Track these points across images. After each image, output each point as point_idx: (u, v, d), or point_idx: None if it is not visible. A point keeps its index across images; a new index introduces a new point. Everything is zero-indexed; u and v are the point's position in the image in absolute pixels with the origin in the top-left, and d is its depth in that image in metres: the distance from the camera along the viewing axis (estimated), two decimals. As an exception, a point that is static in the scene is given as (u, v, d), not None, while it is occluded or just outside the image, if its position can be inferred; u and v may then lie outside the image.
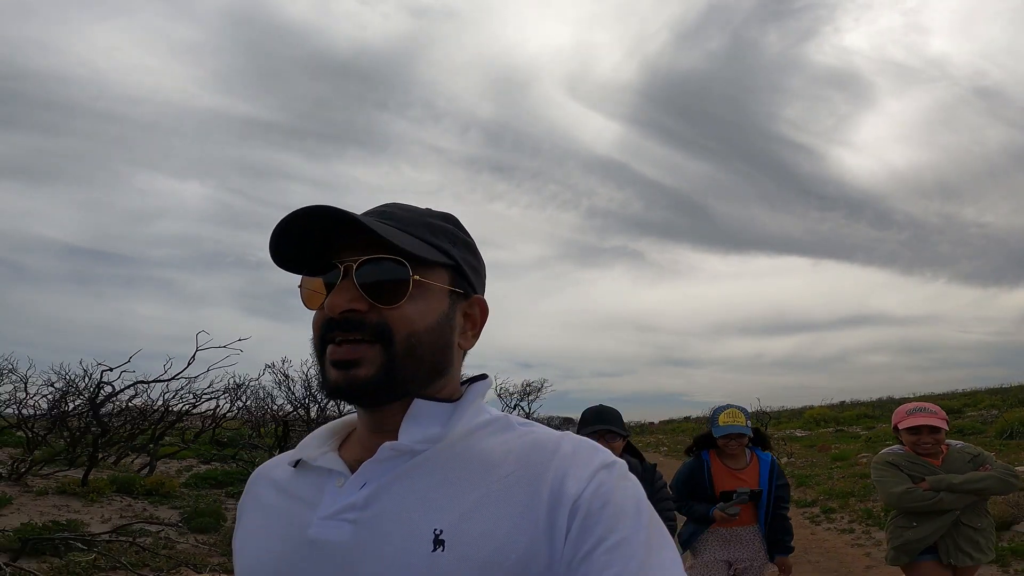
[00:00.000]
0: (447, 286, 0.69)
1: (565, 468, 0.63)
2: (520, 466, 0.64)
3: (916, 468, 2.83)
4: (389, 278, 0.64)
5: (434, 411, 0.68)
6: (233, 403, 13.64)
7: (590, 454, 0.65)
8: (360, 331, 0.64)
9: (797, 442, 19.97)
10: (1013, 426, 14.37)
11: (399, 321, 0.65)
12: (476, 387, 0.72)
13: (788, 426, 27.37)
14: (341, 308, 0.63)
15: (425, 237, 0.68)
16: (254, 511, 0.74)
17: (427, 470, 0.65)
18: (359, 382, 0.63)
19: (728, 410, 3.14)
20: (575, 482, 0.62)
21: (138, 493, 8.50)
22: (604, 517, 0.60)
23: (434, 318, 0.67)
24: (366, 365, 0.63)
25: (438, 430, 0.67)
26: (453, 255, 0.70)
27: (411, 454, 0.66)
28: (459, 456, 0.66)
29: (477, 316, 0.74)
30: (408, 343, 0.65)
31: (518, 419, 0.72)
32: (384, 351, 0.64)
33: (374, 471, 0.66)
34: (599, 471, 0.63)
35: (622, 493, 0.62)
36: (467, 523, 0.60)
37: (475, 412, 0.70)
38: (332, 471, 0.68)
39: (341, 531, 0.63)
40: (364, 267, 0.64)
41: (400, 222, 0.68)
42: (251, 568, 0.68)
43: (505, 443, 0.67)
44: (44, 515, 6.92)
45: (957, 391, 34.63)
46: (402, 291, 0.64)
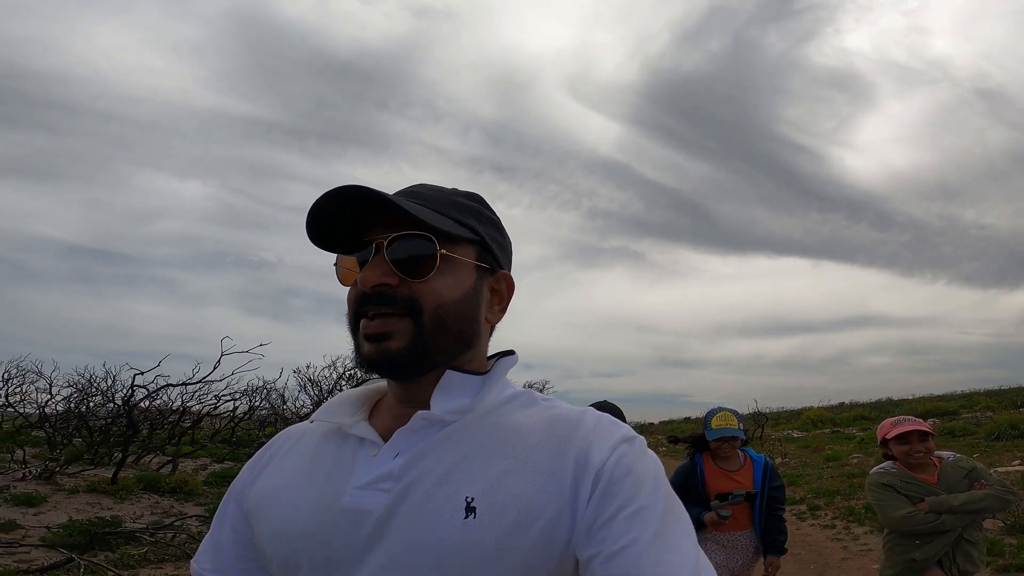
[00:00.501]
0: (473, 261, 0.72)
1: (590, 439, 0.67)
2: (546, 437, 0.68)
3: (913, 488, 2.79)
4: (418, 253, 0.67)
5: (464, 383, 0.71)
6: (252, 405, 14.10)
7: (612, 427, 0.69)
8: (391, 304, 0.67)
9: (793, 443, 20.25)
10: (1002, 428, 14.62)
11: (428, 294, 0.68)
12: (504, 362, 0.76)
13: (786, 427, 27.64)
14: (373, 282, 0.67)
15: (451, 214, 0.71)
16: (275, 479, 0.75)
17: (458, 440, 0.68)
18: (391, 354, 0.66)
19: (720, 413, 3.20)
20: (599, 452, 0.65)
21: (164, 491, 8.99)
22: (626, 485, 0.63)
23: (461, 291, 0.70)
24: (397, 338, 0.66)
25: (468, 401, 0.70)
26: (479, 231, 0.73)
27: (442, 424, 0.69)
28: (488, 427, 0.69)
29: (504, 291, 0.77)
30: (436, 315, 0.68)
31: (541, 395, 0.76)
32: (413, 324, 0.67)
33: (407, 440, 0.68)
34: (621, 443, 0.67)
35: (643, 465, 0.66)
36: (496, 491, 0.64)
37: (502, 386, 0.73)
38: (364, 440, 0.71)
39: (377, 500, 0.65)
40: (394, 243, 0.68)
41: (428, 201, 0.71)
42: (281, 533, 0.70)
43: (531, 416, 0.71)
44: (79, 512, 7.39)
45: (955, 392, 34.80)
46: (430, 265, 0.68)
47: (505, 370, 0.75)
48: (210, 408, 12.42)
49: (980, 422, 17.48)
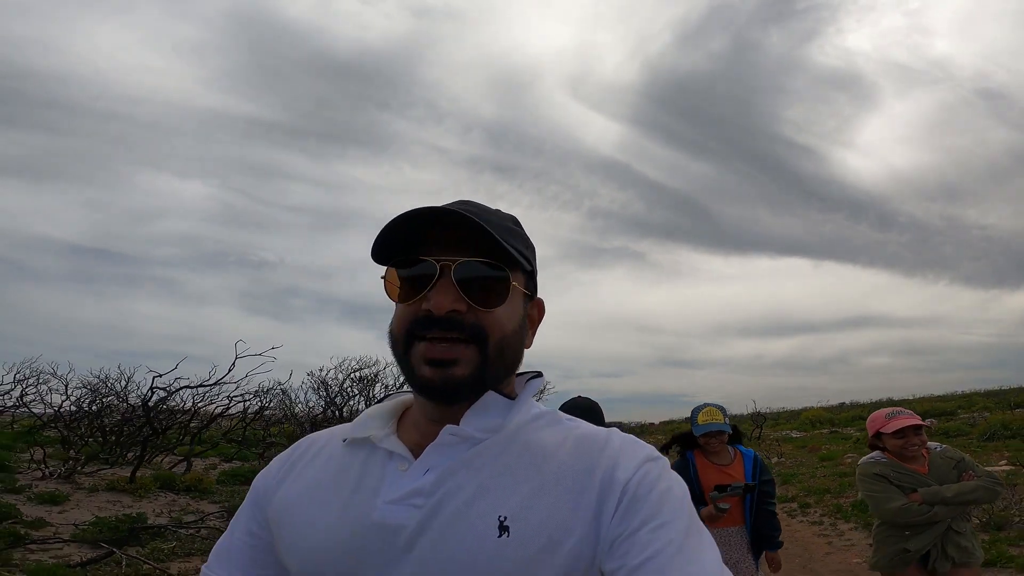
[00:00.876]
0: (523, 289, 0.73)
1: (615, 458, 0.67)
2: (573, 457, 0.68)
3: (904, 479, 2.80)
4: (490, 280, 0.67)
5: (498, 403, 0.71)
6: (262, 406, 14.48)
7: (638, 447, 0.70)
8: (459, 331, 0.66)
9: (790, 443, 20.55)
10: (994, 428, 14.98)
11: (493, 324, 0.68)
12: (533, 383, 0.77)
13: (785, 427, 27.94)
14: (447, 308, 0.66)
15: (510, 241, 0.70)
16: (298, 489, 0.74)
17: (488, 458, 0.68)
18: (455, 380, 0.66)
19: (705, 409, 3.25)
20: (624, 471, 0.66)
21: (179, 489, 9.34)
22: (649, 502, 0.64)
23: (517, 321, 0.72)
24: (463, 365, 0.67)
25: (498, 421, 0.70)
26: (530, 259, 0.74)
27: (472, 442, 0.69)
28: (516, 447, 0.69)
29: (536, 317, 0.78)
30: (500, 345, 0.68)
31: (564, 415, 0.77)
32: (479, 352, 0.67)
33: (437, 456, 0.68)
34: (646, 462, 0.68)
35: (666, 483, 0.67)
36: (528, 510, 0.64)
37: (529, 406, 0.74)
38: (393, 454, 0.71)
39: (408, 515, 0.65)
40: (461, 267, 0.67)
41: (483, 219, 0.68)
42: (306, 547, 0.69)
43: (556, 435, 0.71)
44: (101, 510, 7.74)
45: (955, 393, 34.99)
46: (502, 294, 0.68)
47: (533, 391, 0.76)
48: (222, 409, 12.76)
49: (976, 422, 17.74)
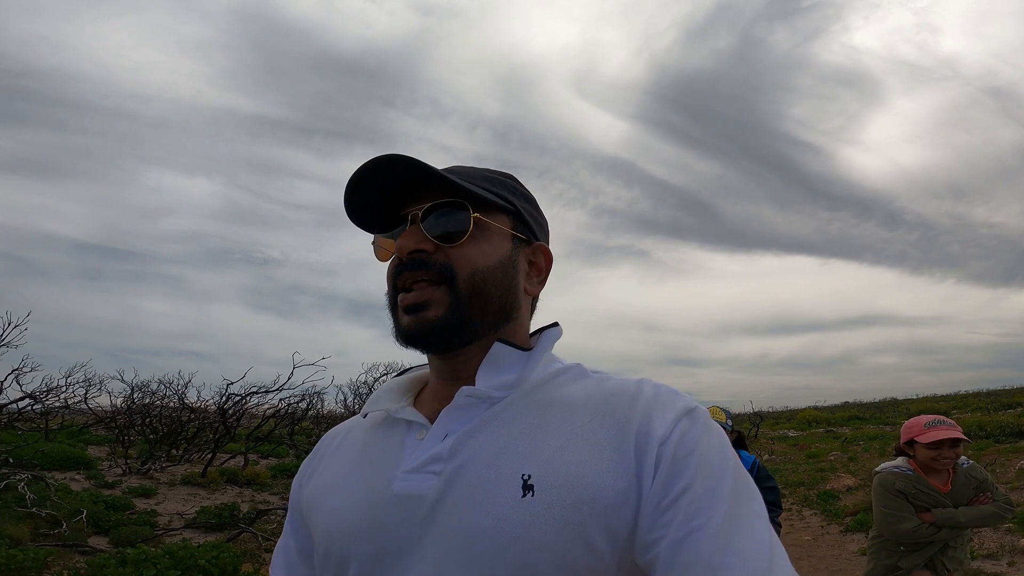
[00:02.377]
0: (509, 230, 0.72)
1: (649, 411, 0.63)
2: (602, 410, 0.64)
3: (924, 497, 2.67)
4: (452, 219, 0.68)
5: (510, 357, 0.69)
6: (309, 406, 15.84)
7: (672, 398, 0.65)
8: (426, 269, 0.67)
9: (785, 441, 21.68)
10: (971, 430, 15.58)
11: (462, 260, 0.67)
12: (549, 334, 0.74)
13: (784, 427, 29.04)
14: (409, 248, 0.67)
15: (484, 185, 0.71)
16: (323, 475, 0.74)
17: (508, 417, 0.65)
18: (429, 323, 0.66)
19: (709, 407, 3.14)
20: (660, 424, 0.62)
21: (242, 483, 10.83)
22: (690, 464, 0.59)
23: (496, 258, 0.70)
24: (435, 307, 0.66)
25: (514, 376, 0.68)
26: (512, 202, 0.73)
27: (490, 401, 0.67)
28: (539, 402, 0.67)
29: (542, 263, 0.76)
30: (472, 281, 0.67)
31: (591, 368, 0.73)
32: (450, 291, 0.66)
33: (454, 419, 0.67)
34: (683, 416, 0.63)
35: (707, 442, 0.62)
36: (554, 466, 0.60)
37: (549, 359, 0.72)
38: (412, 423, 0.69)
39: (427, 484, 0.63)
40: (429, 213, 0.68)
41: (460, 175, 0.70)
42: (332, 528, 0.68)
43: (584, 389, 0.68)
44: (186, 501, 9.20)
45: (959, 393, 35.76)
46: (464, 230, 0.67)
47: (550, 343, 0.73)
48: (277, 411, 14.23)
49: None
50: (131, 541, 5.71)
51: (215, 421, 12.62)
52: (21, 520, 5.79)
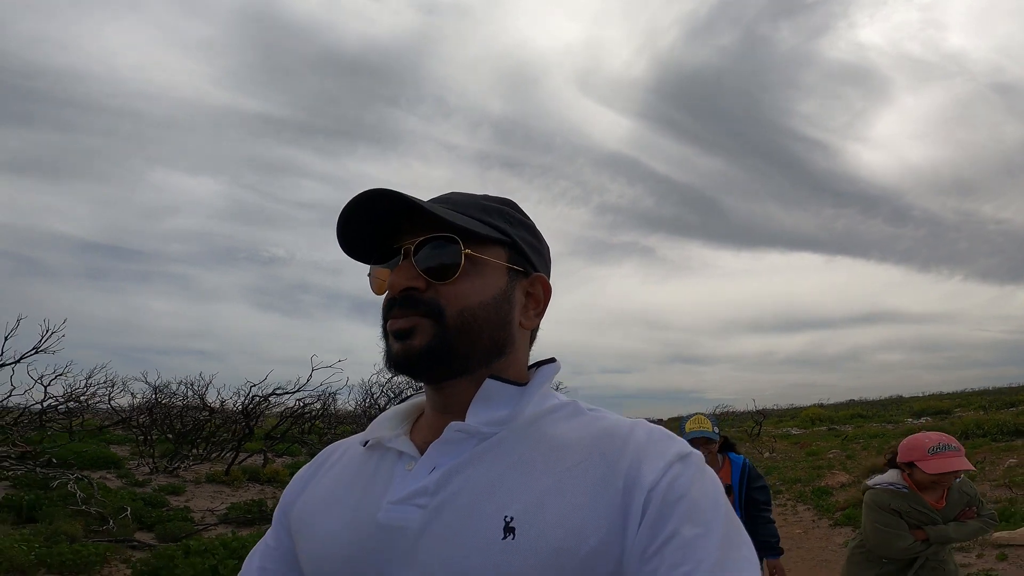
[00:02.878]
0: (504, 263, 0.70)
1: (640, 456, 0.62)
2: (593, 452, 0.63)
3: (917, 515, 2.65)
4: (444, 255, 0.66)
5: (503, 392, 0.68)
6: (324, 406, 16.23)
7: (665, 443, 0.64)
8: (416, 307, 0.66)
9: (787, 439, 21.98)
10: (969, 428, 15.80)
11: (451, 297, 0.66)
12: (544, 370, 0.73)
13: (788, 425, 29.27)
14: (401, 287, 0.66)
15: (478, 216, 0.70)
16: (316, 493, 0.74)
17: (497, 455, 0.64)
18: (415, 351, 0.65)
19: (694, 416, 3.23)
20: (650, 471, 0.60)
21: (263, 480, 11.35)
22: (679, 511, 0.58)
23: (490, 294, 0.68)
24: (420, 335, 0.65)
25: (507, 412, 0.67)
26: (508, 233, 0.71)
27: (480, 437, 0.66)
28: (529, 440, 0.65)
29: (540, 295, 0.74)
30: (461, 318, 0.66)
31: (587, 405, 0.72)
32: (436, 324, 0.65)
33: (442, 453, 0.66)
34: (675, 462, 0.62)
35: (699, 487, 0.60)
36: (539, 510, 0.60)
37: (544, 396, 0.70)
38: (403, 453, 0.69)
39: (410, 516, 0.63)
40: (422, 247, 0.67)
41: (455, 204, 0.70)
42: (318, 551, 0.68)
43: (576, 428, 0.67)
44: (213, 498, 9.73)
45: (966, 391, 35.69)
46: (455, 267, 0.66)
47: (546, 378, 0.72)
48: (293, 411, 14.76)
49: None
50: (176, 536, 6.23)
51: (238, 421, 13.17)
52: (72, 517, 6.32)
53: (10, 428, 9.24)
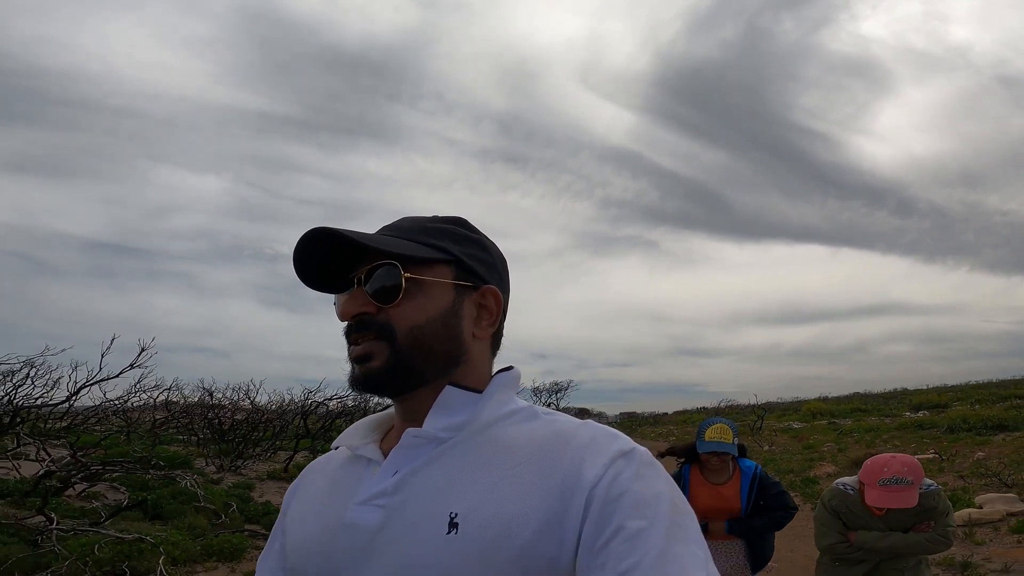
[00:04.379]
0: (450, 280, 0.75)
1: (582, 455, 0.66)
2: (536, 452, 0.68)
3: (855, 519, 2.77)
4: (386, 279, 0.72)
5: (460, 399, 0.73)
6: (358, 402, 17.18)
7: (607, 441, 0.67)
8: (369, 330, 0.72)
9: (788, 433, 22.75)
10: (956, 423, 16.69)
11: (399, 318, 0.72)
12: (500, 377, 0.77)
13: (790, 419, 29.66)
14: (352, 313, 0.72)
15: (419, 239, 0.75)
16: (303, 499, 0.82)
17: (450, 457, 0.70)
18: (373, 373, 0.71)
19: (716, 425, 3.15)
20: (591, 469, 0.64)
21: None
22: (622, 505, 0.61)
23: (437, 311, 0.73)
24: (377, 358, 0.71)
25: (463, 418, 0.72)
26: (452, 251, 0.75)
27: (436, 441, 0.71)
28: (482, 444, 0.70)
29: (492, 306, 0.78)
30: (411, 336, 0.71)
31: (544, 409, 0.76)
32: (389, 345, 0.71)
33: (403, 458, 0.71)
34: (617, 458, 0.65)
35: (641, 482, 0.63)
36: (479, 506, 0.65)
37: (501, 402, 0.75)
38: (371, 460, 0.75)
39: (372, 515, 0.69)
40: (371, 275, 0.72)
41: (398, 231, 0.76)
42: (298, 548, 0.76)
43: (527, 432, 0.71)
44: (281, 493, 11.04)
45: (970, 383, 35.31)
46: (397, 289, 0.71)
47: (501, 385, 0.76)
48: (341, 411, 16.12)
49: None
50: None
51: (296, 422, 14.62)
52: (194, 513, 7.70)
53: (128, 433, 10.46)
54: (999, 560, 5.51)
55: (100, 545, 5.22)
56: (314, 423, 15.95)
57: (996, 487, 8.29)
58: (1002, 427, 15.31)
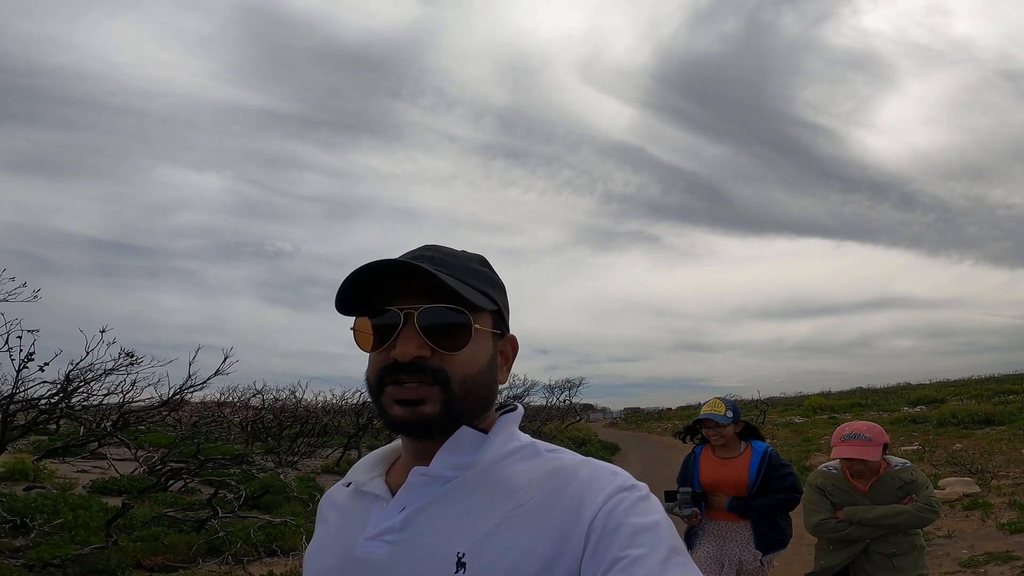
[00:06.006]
0: (491, 329, 0.77)
1: (582, 492, 0.68)
2: (539, 491, 0.70)
3: (841, 494, 2.82)
4: (451, 325, 0.72)
5: (469, 439, 0.74)
6: None
7: (607, 478, 0.70)
8: (422, 375, 0.71)
9: (788, 427, 23.89)
10: (945, 417, 17.76)
11: (456, 366, 0.72)
12: (505, 418, 0.79)
13: (792, 414, 30.70)
14: (412, 355, 0.70)
15: (474, 284, 0.75)
16: (319, 531, 0.84)
17: (456, 496, 0.72)
18: (424, 418, 0.71)
19: (711, 400, 3.25)
20: (591, 504, 0.67)
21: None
22: (619, 537, 0.64)
23: (484, 361, 0.75)
24: (430, 403, 0.71)
25: (469, 458, 0.74)
26: (496, 300, 0.77)
27: (442, 480, 0.73)
28: (486, 483, 0.72)
29: (509, 353, 0.82)
30: (464, 386, 0.73)
31: (546, 445, 0.78)
32: (443, 392, 0.71)
33: (410, 495, 0.74)
34: (616, 494, 0.68)
35: (638, 516, 0.66)
36: (485, 546, 0.67)
37: (505, 440, 0.77)
38: (378, 496, 0.77)
39: (380, 551, 0.71)
40: (423, 314, 0.71)
41: (451, 269, 0.74)
42: None
43: (530, 470, 0.73)
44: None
45: (972, 378, 36.59)
46: (464, 338, 0.72)
47: (506, 425, 0.78)
48: None
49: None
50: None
51: (344, 420, 16.00)
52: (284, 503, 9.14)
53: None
54: (947, 529, 6.96)
55: (253, 529, 6.56)
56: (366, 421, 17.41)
57: (963, 474, 9.69)
58: (989, 421, 16.36)
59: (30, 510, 6.57)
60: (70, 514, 6.67)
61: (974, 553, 6.00)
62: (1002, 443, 12.85)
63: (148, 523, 6.98)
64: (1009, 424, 15.55)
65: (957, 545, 6.39)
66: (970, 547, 6.24)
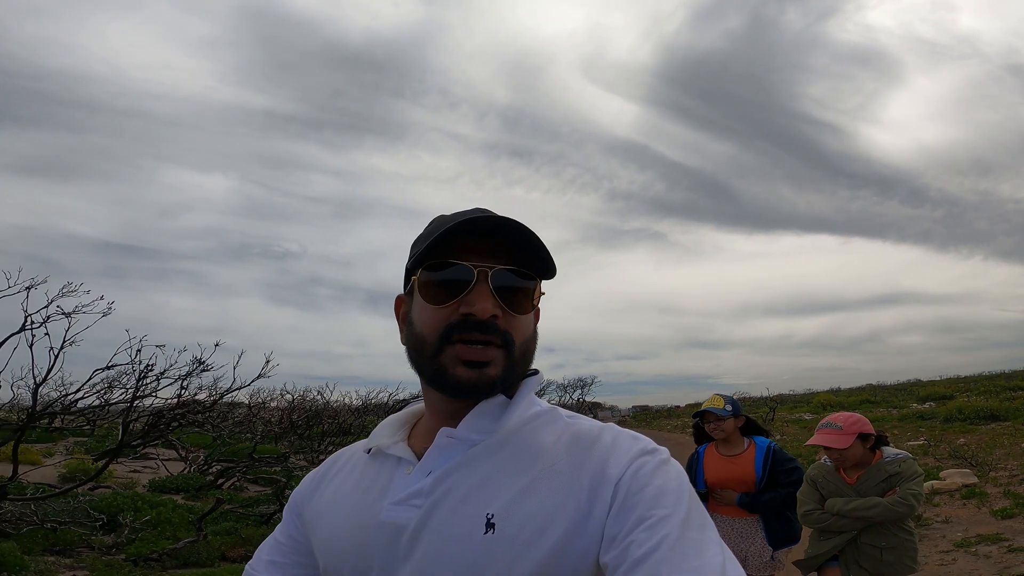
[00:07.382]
0: (539, 294, 0.78)
1: (606, 455, 0.71)
2: (564, 454, 0.72)
3: (829, 486, 2.90)
4: (520, 288, 0.73)
5: (496, 403, 0.76)
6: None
7: (630, 442, 0.73)
8: (494, 334, 0.72)
9: (797, 424, 23.82)
10: (951, 413, 18.06)
11: (518, 329, 0.74)
12: (529, 382, 0.80)
13: (802, 410, 30.38)
14: (491, 312, 0.72)
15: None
16: (326, 497, 0.83)
17: (483, 459, 0.73)
18: (489, 381, 0.73)
19: (712, 396, 3.34)
20: (616, 466, 0.69)
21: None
22: (644, 498, 0.66)
23: (533, 326, 0.79)
24: (495, 366, 0.73)
25: (495, 422, 0.75)
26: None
27: (470, 443, 0.74)
28: (512, 446, 0.74)
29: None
30: (522, 350, 0.75)
31: (565, 412, 0.80)
32: (506, 356, 0.73)
33: (437, 458, 0.75)
34: (639, 456, 0.70)
35: (662, 477, 0.68)
36: (514, 507, 0.68)
37: (528, 404, 0.78)
38: (402, 459, 0.78)
39: (409, 515, 0.72)
40: (497, 274, 0.72)
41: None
42: (329, 548, 0.78)
43: (553, 434, 0.76)
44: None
45: (983, 374, 35.55)
46: (529, 303, 0.74)
47: (531, 390, 0.80)
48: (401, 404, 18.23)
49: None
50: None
51: (372, 419, 16.72)
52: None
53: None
54: (945, 515, 7.58)
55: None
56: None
57: (963, 467, 10.27)
58: (994, 417, 16.31)
59: (116, 509, 7.23)
60: (152, 511, 7.35)
61: (967, 536, 6.59)
62: (1004, 438, 13.29)
63: (217, 519, 7.61)
64: (1014, 420, 15.87)
65: (953, 529, 7.00)
66: (964, 530, 6.84)
